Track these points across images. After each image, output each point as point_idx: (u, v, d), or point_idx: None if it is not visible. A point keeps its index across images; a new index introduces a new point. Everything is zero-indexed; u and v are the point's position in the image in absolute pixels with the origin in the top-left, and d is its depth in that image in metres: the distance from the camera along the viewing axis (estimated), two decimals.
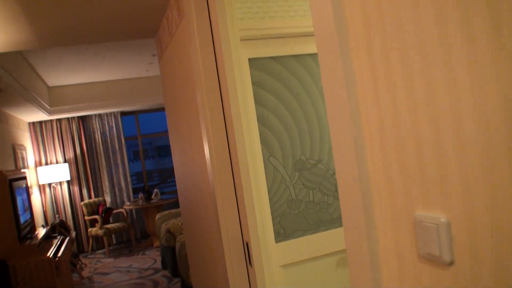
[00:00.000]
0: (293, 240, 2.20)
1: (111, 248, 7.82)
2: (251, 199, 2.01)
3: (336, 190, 2.24)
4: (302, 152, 2.21)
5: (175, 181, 3.97)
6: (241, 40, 2.12)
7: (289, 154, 2.19)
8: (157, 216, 5.88)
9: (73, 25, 2.98)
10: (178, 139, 3.26)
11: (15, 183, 4.82)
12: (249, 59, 2.14)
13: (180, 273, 4.69)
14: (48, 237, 5.56)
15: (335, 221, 2.27)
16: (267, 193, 2.15)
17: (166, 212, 6.03)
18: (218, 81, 2.10)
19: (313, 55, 2.24)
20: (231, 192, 2.11)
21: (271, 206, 2.16)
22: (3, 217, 4.57)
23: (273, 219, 2.17)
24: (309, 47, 2.22)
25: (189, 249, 3.61)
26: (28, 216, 5.27)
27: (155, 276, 5.91)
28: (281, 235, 2.18)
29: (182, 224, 4.84)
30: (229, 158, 2.11)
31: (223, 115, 2.11)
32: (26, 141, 7.34)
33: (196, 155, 2.60)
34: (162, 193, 8.13)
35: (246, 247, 2.06)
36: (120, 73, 7.01)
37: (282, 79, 2.18)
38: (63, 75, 6.49)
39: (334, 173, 2.24)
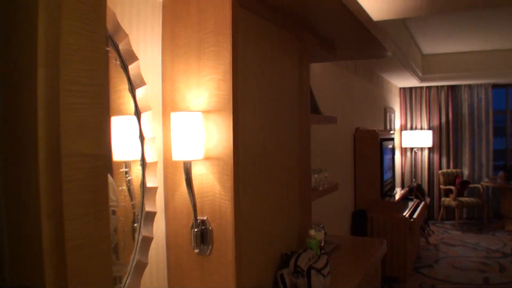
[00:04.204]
0: None
1: (460, 221, 7.59)
2: None
3: None
4: None
5: None
6: None
7: None
8: None
9: None
10: None
11: (384, 143, 5.20)
12: None
13: None
14: (405, 198, 5.84)
15: None
16: None
17: None
18: None
19: None
20: None
21: None
22: (372, 172, 5.03)
23: None
24: None
25: None
26: (390, 175, 5.64)
27: (503, 260, 5.48)
28: None
29: None
30: None
31: None
32: (395, 105, 7.78)
33: None
34: None
35: None
36: (495, 43, 6.45)
37: None
38: (438, 43, 6.45)
39: None
